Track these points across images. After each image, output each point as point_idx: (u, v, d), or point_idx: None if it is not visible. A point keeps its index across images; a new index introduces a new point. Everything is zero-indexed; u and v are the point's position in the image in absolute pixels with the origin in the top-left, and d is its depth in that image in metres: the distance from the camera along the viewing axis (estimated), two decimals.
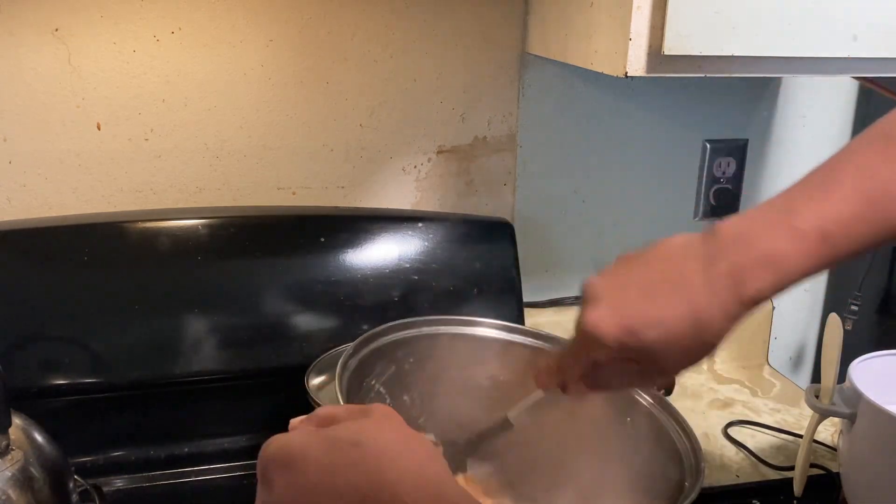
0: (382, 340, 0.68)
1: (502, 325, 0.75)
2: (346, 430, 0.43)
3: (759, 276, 0.48)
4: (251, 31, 0.96)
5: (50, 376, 0.88)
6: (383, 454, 0.40)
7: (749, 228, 0.49)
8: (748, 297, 0.48)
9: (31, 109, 0.93)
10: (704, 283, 0.48)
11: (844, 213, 0.48)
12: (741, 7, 0.76)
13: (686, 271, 0.49)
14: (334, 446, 0.41)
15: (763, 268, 0.48)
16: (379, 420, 0.44)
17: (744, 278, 0.48)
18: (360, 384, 0.65)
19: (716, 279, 0.48)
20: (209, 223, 0.94)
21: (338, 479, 0.40)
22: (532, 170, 1.11)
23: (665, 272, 0.50)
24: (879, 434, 0.76)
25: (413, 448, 0.42)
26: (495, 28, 1.04)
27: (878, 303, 1.18)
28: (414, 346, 0.70)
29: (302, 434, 0.43)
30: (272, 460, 0.42)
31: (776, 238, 0.48)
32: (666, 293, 0.49)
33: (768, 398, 1.14)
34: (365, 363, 0.66)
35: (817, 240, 0.48)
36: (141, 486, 0.90)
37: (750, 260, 0.48)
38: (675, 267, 0.50)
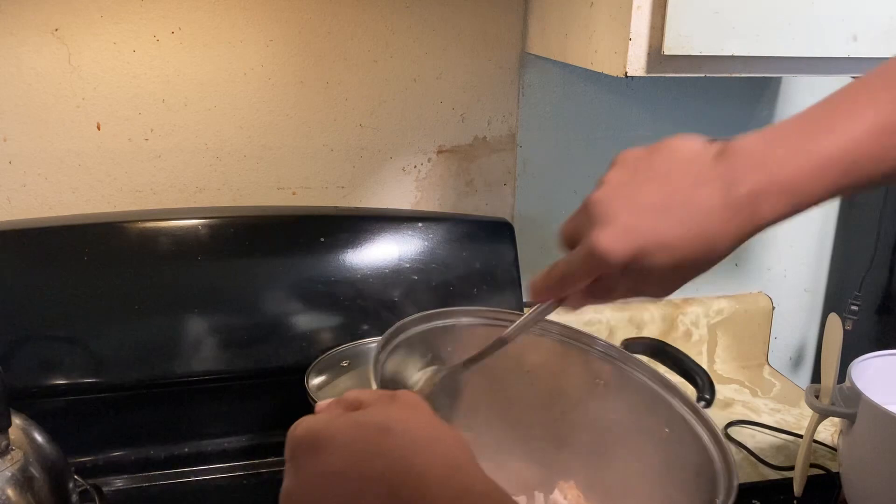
0: (421, 328, 0.68)
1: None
2: (375, 415, 0.43)
3: (777, 201, 0.47)
4: (251, 31, 0.96)
5: (50, 376, 0.88)
6: (412, 442, 0.40)
7: (769, 152, 0.48)
8: (763, 222, 0.48)
9: (31, 109, 0.93)
10: (721, 208, 0.47)
11: (864, 143, 0.47)
12: (741, 7, 0.76)
13: (701, 193, 0.48)
14: (363, 431, 0.41)
15: (782, 194, 0.47)
16: (407, 407, 0.44)
17: (761, 204, 0.47)
18: (395, 370, 0.65)
19: (733, 205, 0.47)
20: (209, 223, 0.94)
21: (365, 464, 0.40)
22: (532, 170, 1.11)
23: (677, 190, 0.48)
24: (879, 434, 0.76)
25: (441, 437, 0.42)
26: (495, 28, 1.04)
27: (878, 303, 1.18)
28: (452, 337, 0.70)
29: (330, 417, 0.43)
30: (300, 443, 0.43)
31: (798, 165, 0.47)
32: (679, 215, 0.48)
33: (768, 398, 1.14)
34: (401, 349, 0.65)
35: (838, 168, 0.47)
36: (141, 486, 0.90)
37: (770, 186, 0.47)
38: (688, 185, 0.48)
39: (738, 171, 0.47)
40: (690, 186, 0.48)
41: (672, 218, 0.48)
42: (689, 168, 0.49)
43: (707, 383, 0.79)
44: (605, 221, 0.49)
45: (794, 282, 1.28)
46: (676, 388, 0.69)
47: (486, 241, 1.03)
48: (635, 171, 0.51)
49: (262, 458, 0.94)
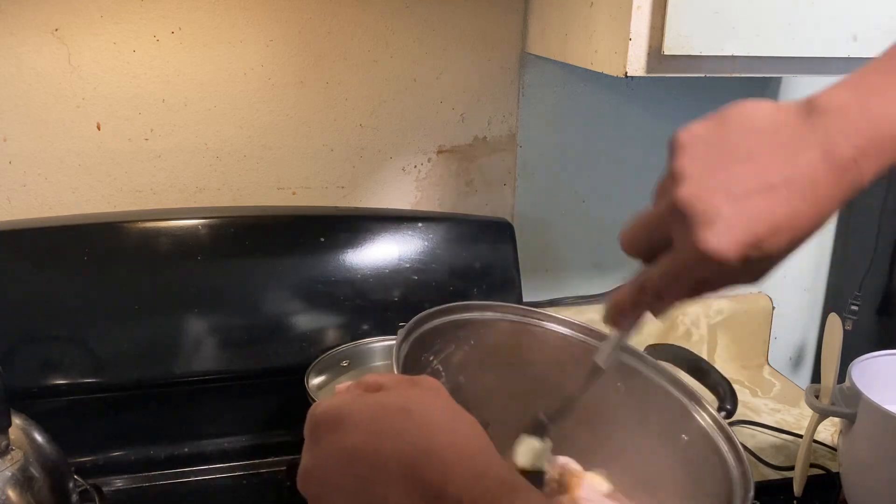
0: (444, 319, 0.68)
1: (562, 319, 0.75)
2: (396, 396, 0.43)
3: (881, 157, 0.43)
4: (251, 31, 0.96)
5: (50, 376, 0.88)
6: (431, 423, 0.41)
7: (863, 106, 0.43)
8: (868, 180, 0.44)
9: (31, 109, 0.93)
10: (826, 175, 0.43)
11: None
12: (741, 7, 0.76)
13: (801, 164, 0.43)
14: (383, 411, 0.42)
15: (885, 149, 0.43)
16: (427, 391, 0.44)
17: (865, 162, 0.43)
18: (417, 358, 0.65)
19: (838, 169, 0.43)
20: (209, 223, 0.94)
21: (385, 443, 0.40)
22: (532, 170, 1.11)
23: (774, 166, 0.43)
24: (879, 434, 0.76)
25: (460, 421, 0.42)
26: (495, 28, 1.04)
27: (878, 303, 1.18)
28: (475, 330, 0.70)
29: (351, 397, 0.44)
30: (322, 420, 0.43)
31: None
32: (786, 194, 0.43)
33: (768, 398, 1.14)
34: (424, 338, 0.65)
35: None
36: (141, 486, 0.90)
37: (872, 144, 0.43)
38: (784, 159, 0.44)
39: (835, 134, 0.43)
40: (788, 159, 0.44)
41: (779, 198, 0.43)
42: (778, 139, 0.44)
43: (729, 393, 0.79)
44: (707, 220, 0.43)
45: (794, 282, 1.28)
46: (698, 396, 0.69)
47: (486, 241, 1.03)
48: (714, 154, 0.45)
49: (262, 458, 0.94)
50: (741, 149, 0.44)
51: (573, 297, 1.17)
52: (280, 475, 0.90)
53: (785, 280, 1.27)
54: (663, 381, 0.71)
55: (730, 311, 1.21)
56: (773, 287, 1.26)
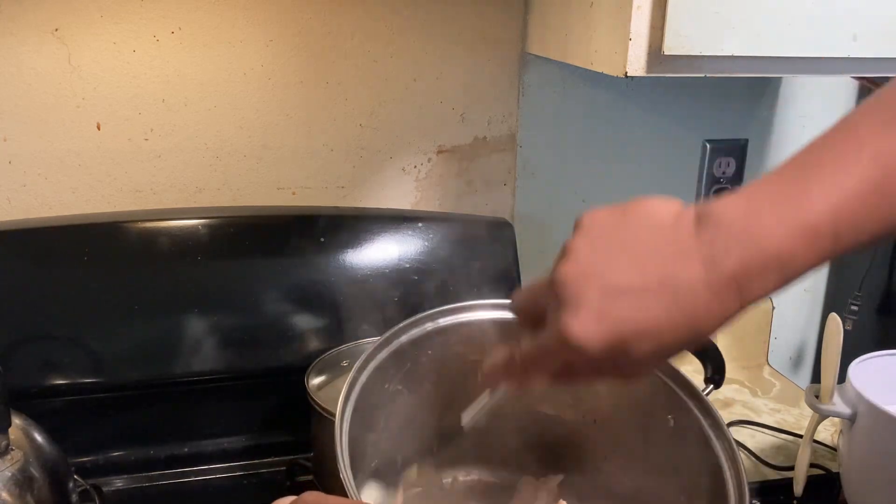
0: (389, 350, 0.67)
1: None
2: None
3: (766, 277, 0.42)
4: (251, 31, 0.96)
5: (50, 376, 0.88)
6: None
7: (753, 220, 0.42)
8: (751, 299, 0.44)
9: (31, 109, 0.93)
10: (705, 288, 0.42)
11: (855, 205, 0.42)
12: (741, 7, 0.76)
13: (681, 270, 0.42)
14: None
15: (771, 269, 0.42)
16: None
17: (748, 281, 0.42)
18: (373, 391, 0.64)
19: (718, 284, 0.42)
20: (209, 223, 0.94)
21: None
22: (532, 170, 1.11)
23: (654, 267, 0.43)
24: (879, 434, 0.76)
25: None
26: (495, 28, 1.04)
27: (878, 303, 1.18)
28: (427, 342, 0.70)
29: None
30: None
31: (787, 235, 0.42)
32: (660, 298, 0.43)
33: (768, 398, 1.14)
34: (374, 376, 0.65)
35: (828, 236, 0.42)
36: (141, 486, 0.90)
37: (757, 261, 0.42)
38: (666, 261, 0.43)
39: (720, 245, 0.42)
40: (669, 262, 0.43)
41: (651, 301, 0.43)
42: (666, 239, 0.44)
43: (716, 361, 0.77)
44: (576, 305, 0.44)
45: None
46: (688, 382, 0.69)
47: (486, 241, 1.03)
48: (605, 240, 0.45)
49: (262, 458, 0.94)
50: (630, 242, 0.44)
51: None
52: (280, 475, 0.91)
53: None
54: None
55: None
56: None
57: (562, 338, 0.44)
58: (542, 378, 0.49)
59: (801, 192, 0.42)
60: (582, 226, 0.46)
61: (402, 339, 0.68)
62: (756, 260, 0.42)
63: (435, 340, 0.69)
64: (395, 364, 0.67)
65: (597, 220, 0.46)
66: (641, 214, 0.45)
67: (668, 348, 0.44)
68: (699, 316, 0.43)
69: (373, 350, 0.65)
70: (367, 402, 0.63)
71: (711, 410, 0.66)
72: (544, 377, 0.49)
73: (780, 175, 0.44)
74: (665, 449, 0.69)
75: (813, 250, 0.42)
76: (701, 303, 0.43)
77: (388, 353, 0.66)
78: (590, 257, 0.45)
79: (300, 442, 0.90)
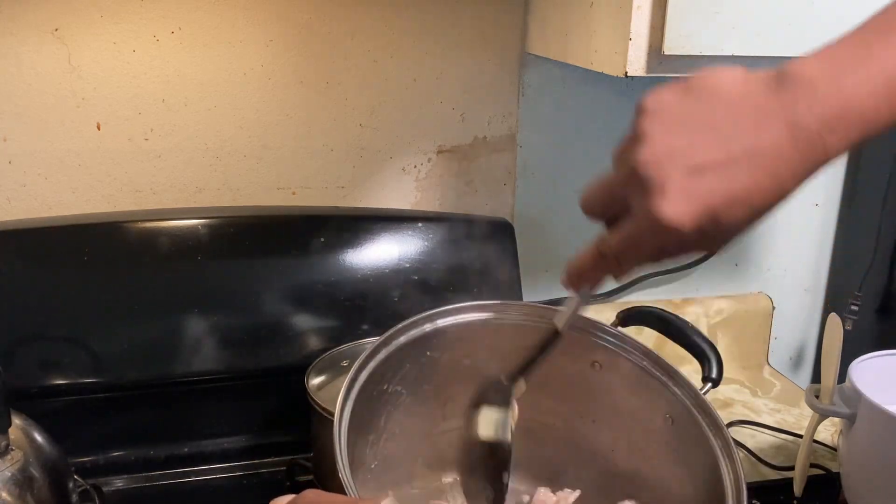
0: (388, 350, 0.67)
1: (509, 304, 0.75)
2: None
3: (849, 131, 0.42)
4: (251, 31, 0.96)
5: (50, 376, 0.88)
6: None
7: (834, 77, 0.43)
8: (834, 153, 0.43)
9: (31, 109, 0.93)
10: (790, 148, 0.42)
11: None
12: (741, 7, 0.76)
13: (765, 135, 0.42)
14: None
15: (853, 123, 0.42)
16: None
17: (832, 135, 0.42)
18: (370, 395, 0.64)
19: (803, 142, 0.42)
20: (209, 223, 0.94)
21: None
22: (532, 170, 1.11)
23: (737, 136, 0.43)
24: (879, 434, 0.76)
25: None
26: (495, 28, 1.04)
27: (878, 303, 1.18)
28: (426, 343, 0.70)
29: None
30: None
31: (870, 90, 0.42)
32: (746, 166, 0.42)
33: (768, 398, 1.14)
34: (371, 378, 0.65)
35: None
36: (141, 486, 0.90)
37: (840, 117, 0.42)
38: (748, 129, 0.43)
39: (804, 105, 0.42)
40: (751, 129, 0.43)
41: (739, 170, 0.42)
42: (743, 107, 0.43)
43: (714, 359, 0.77)
44: (663, 188, 0.43)
45: (794, 282, 1.28)
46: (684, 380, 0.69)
47: (486, 241, 1.03)
48: (678, 119, 0.44)
49: (262, 458, 0.94)
50: (706, 118, 0.44)
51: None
52: (280, 475, 0.91)
53: (785, 280, 1.27)
54: (645, 362, 0.71)
55: (730, 311, 1.21)
56: (773, 287, 1.26)
57: (653, 223, 0.44)
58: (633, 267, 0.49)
59: (880, 49, 0.43)
60: (647, 109, 0.45)
61: (400, 339, 0.68)
62: (841, 116, 0.42)
63: (434, 341, 0.69)
64: (394, 364, 0.67)
65: (663, 100, 0.45)
66: (708, 89, 0.45)
67: (758, 212, 0.44)
68: (786, 176, 0.43)
69: (372, 350, 0.65)
70: (367, 402, 0.63)
71: (709, 409, 0.66)
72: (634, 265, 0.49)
73: (854, 37, 0.45)
74: (663, 448, 0.69)
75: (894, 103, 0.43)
76: (787, 163, 0.43)
77: (387, 354, 0.66)
78: (666, 138, 0.44)
79: (300, 442, 0.90)
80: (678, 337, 0.81)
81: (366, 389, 0.63)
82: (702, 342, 0.79)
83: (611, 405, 0.73)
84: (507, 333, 0.72)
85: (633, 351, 0.71)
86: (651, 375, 0.70)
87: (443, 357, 0.70)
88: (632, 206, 0.45)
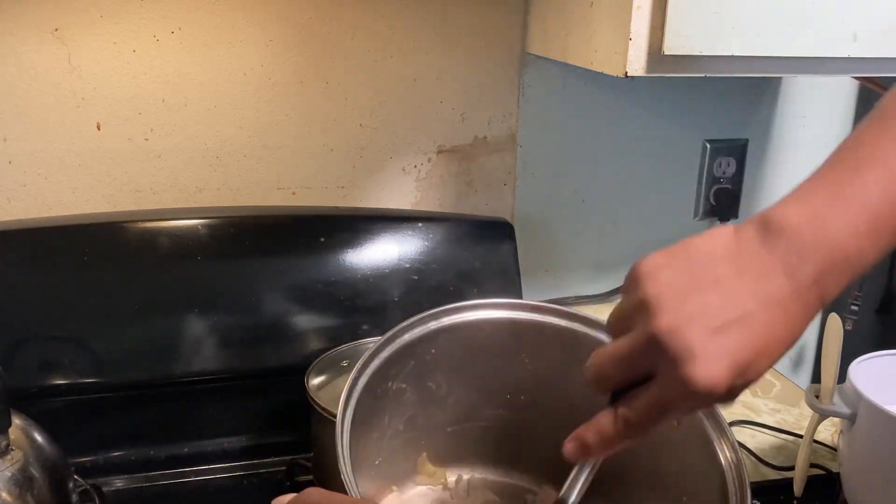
0: (391, 348, 0.67)
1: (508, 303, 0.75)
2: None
3: (841, 275, 0.44)
4: (251, 31, 0.96)
5: (50, 376, 0.88)
6: None
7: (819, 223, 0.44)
8: (829, 298, 0.45)
9: (31, 109, 0.93)
10: (794, 298, 0.44)
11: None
12: (741, 7, 0.76)
13: (773, 286, 0.44)
14: None
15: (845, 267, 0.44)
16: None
17: (827, 281, 0.44)
18: (374, 392, 0.64)
19: (803, 291, 0.44)
20: (209, 223, 0.94)
21: None
22: (532, 170, 1.11)
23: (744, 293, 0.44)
24: (879, 434, 0.76)
25: None
26: (495, 28, 1.04)
27: (878, 303, 1.18)
28: (431, 341, 0.70)
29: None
30: None
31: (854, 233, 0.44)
32: (762, 319, 0.44)
33: (768, 398, 1.14)
34: (376, 375, 0.65)
35: (890, 219, 0.44)
36: (141, 486, 0.90)
37: (832, 263, 0.44)
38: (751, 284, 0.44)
39: (795, 255, 0.44)
40: (755, 284, 0.44)
41: (756, 322, 0.44)
42: (741, 264, 0.44)
43: None
44: (692, 353, 0.43)
45: None
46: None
47: (486, 241, 1.03)
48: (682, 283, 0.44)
49: (262, 458, 0.94)
50: (707, 276, 0.44)
51: (573, 297, 1.17)
52: (280, 475, 0.90)
53: None
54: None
55: None
56: None
57: (686, 388, 0.43)
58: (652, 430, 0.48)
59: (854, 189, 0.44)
60: (643, 274, 0.45)
61: (404, 337, 0.67)
62: (830, 262, 0.44)
63: (439, 339, 0.69)
64: (397, 362, 0.67)
65: (658, 264, 0.45)
66: (700, 248, 0.45)
67: (774, 362, 0.46)
68: (797, 322, 0.45)
69: (375, 349, 0.65)
70: (370, 400, 0.63)
71: (714, 412, 0.66)
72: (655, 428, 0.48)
73: (826, 177, 0.46)
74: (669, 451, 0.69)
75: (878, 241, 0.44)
76: (794, 311, 0.44)
77: (390, 352, 0.66)
78: (679, 302, 0.44)
79: (300, 442, 0.90)
80: None
81: (370, 387, 0.63)
82: None
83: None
84: (512, 331, 0.72)
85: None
86: None
87: (447, 355, 0.70)
88: (658, 374, 0.45)
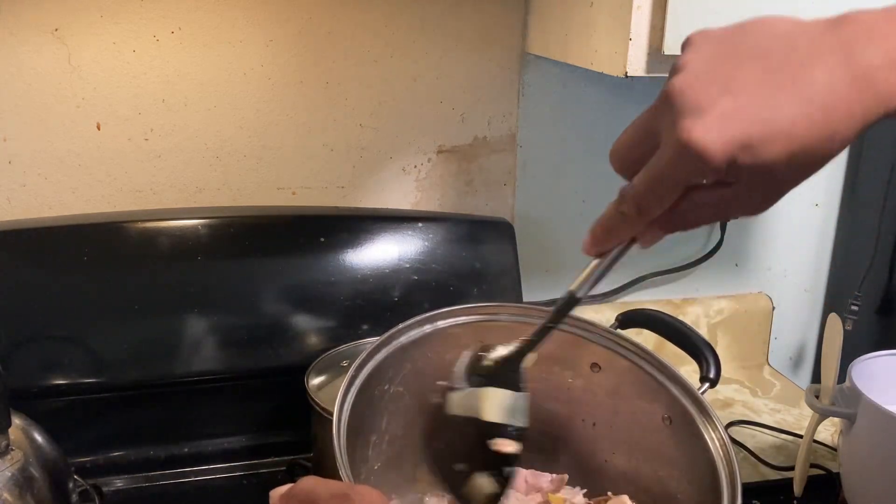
0: (387, 350, 0.67)
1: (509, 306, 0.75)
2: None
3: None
4: (251, 31, 0.96)
5: (50, 376, 0.88)
6: None
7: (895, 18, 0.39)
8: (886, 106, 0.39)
9: (31, 109, 0.93)
10: (845, 83, 0.38)
11: None
12: (741, 7, 0.75)
13: (818, 66, 0.38)
14: None
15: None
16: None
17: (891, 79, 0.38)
18: (371, 396, 0.64)
19: (860, 77, 0.38)
20: (209, 223, 0.94)
21: None
22: (532, 170, 1.11)
23: (786, 65, 0.38)
24: (879, 434, 0.76)
25: None
26: (495, 28, 1.04)
27: (878, 303, 1.18)
28: (427, 344, 0.70)
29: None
30: None
31: None
32: (794, 92, 0.38)
33: (768, 398, 1.14)
34: (371, 378, 0.64)
35: None
36: (141, 486, 0.90)
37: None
38: (799, 59, 0.38)
39: (862, 39, 0.38)
40: (802, 60, 0.38)
41: (785, 96, 0.38)
42: (796, 41, 0.39)
43: (712, 360, 0.77)
44: (696, 109, 0.38)
45: (794, 282, 1.28)
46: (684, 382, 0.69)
47: (486, 241, 1.03)
48: (725, 50, 0.40)
49: (262, 458, 0.94)
50: (756, 49, 0.39)
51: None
52: (280, 475, 0.91)
53: (785, 280, 1.27)
54: (643, 363, 0.71)
55: (730, 311, 1.21)
56: (773, 287, 1.26)
57: (681, 148, 0.38)
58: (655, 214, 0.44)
59: None
60: (691, 42, 0.42)
61: (401, 339, 0.67)
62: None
63: (435, 342, 0.69)
64: (394, 365, 0.67)
65: (709, 34, 0.42)
66: (761, 25, 0.41)
67: (803, 153, 0.39)
68: (837, 115, 0.38)
69: (371, 350, 0.65)
70: (368, 401, 0.63)
71: (707, 409, 0.66)
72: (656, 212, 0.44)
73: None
74: (661, 447, 0.69)
75: None
76: (840, 99, 0.38)
77: (387, 354, 0.66)
78: (708, 66, 0.39)
79: (300, 442, 0.90)
80: (677, 338, 0.81)
81: (367, 388, 0.63)
82: (699, 342, 0.79)
83: (611, 407, 0.73)
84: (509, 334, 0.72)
85: (632, 352, 0.71)
86: (649, 376, 0.70)
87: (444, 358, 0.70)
88: (661, 135, 0.41)
